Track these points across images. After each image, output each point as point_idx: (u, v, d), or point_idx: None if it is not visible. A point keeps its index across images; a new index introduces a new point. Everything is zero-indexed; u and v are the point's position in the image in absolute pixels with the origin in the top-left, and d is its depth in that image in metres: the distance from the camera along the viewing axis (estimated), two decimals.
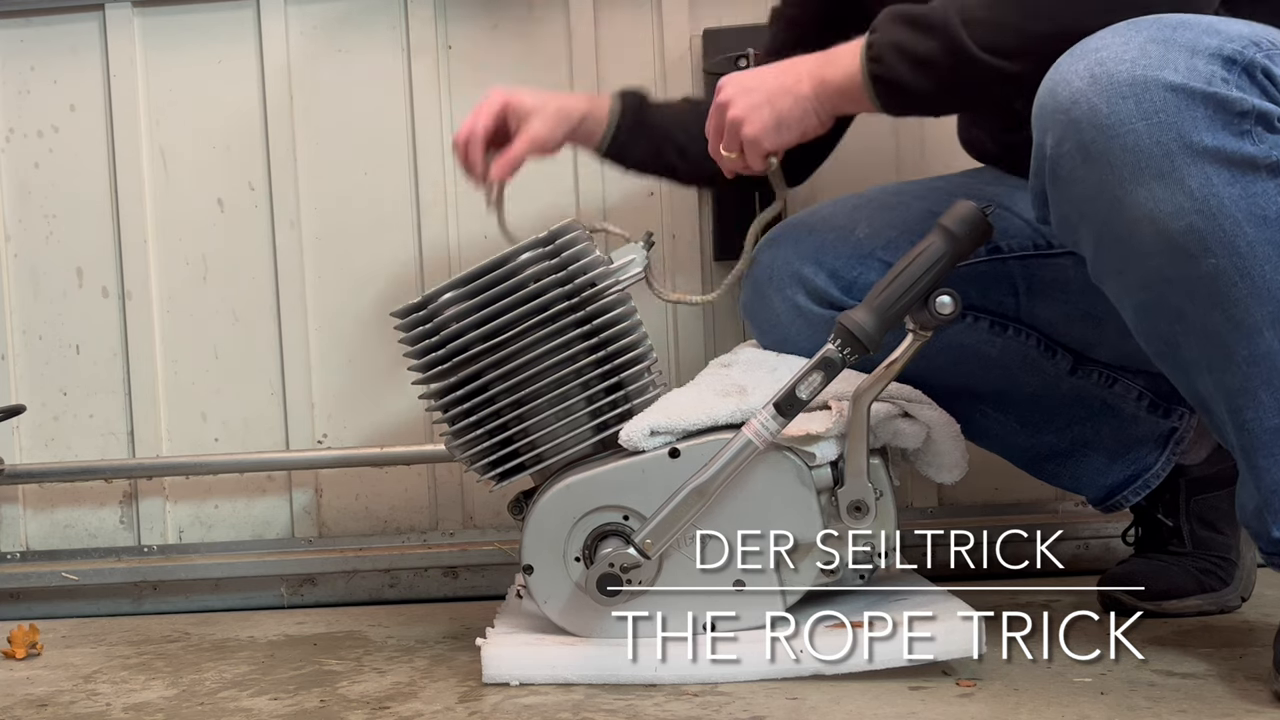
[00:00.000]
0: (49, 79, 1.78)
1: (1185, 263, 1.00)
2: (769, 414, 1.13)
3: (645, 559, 1.15)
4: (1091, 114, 1.00)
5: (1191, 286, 1.01)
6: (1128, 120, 0.99)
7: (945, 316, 1.10)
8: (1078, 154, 1.02)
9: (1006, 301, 1.29)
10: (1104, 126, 0.99)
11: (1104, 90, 0.99)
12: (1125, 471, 1.36)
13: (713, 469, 1.14)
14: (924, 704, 1.08)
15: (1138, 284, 1.05)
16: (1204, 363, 1.04)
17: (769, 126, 1.22)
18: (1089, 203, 1.03)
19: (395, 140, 1.75)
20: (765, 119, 1.22)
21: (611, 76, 1.71)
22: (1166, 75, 0.98)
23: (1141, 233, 1.00)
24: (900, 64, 1.14)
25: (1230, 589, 1.36)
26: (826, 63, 1.20)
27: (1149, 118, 0.98)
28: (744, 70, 1.27)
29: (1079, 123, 1.01)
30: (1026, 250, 1.28)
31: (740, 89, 1.23)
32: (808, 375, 1.12)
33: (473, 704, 1.16)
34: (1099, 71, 1.00)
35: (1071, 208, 1.06)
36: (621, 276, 1.28)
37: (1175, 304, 1.03)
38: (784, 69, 1.23)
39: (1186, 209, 0.98)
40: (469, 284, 1.24)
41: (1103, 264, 1.07)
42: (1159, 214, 0.99)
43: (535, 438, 1.24)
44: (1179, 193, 0.98)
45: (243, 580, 1.76)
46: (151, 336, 1.78)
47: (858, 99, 1.19)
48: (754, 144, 1.23)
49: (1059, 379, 1.33)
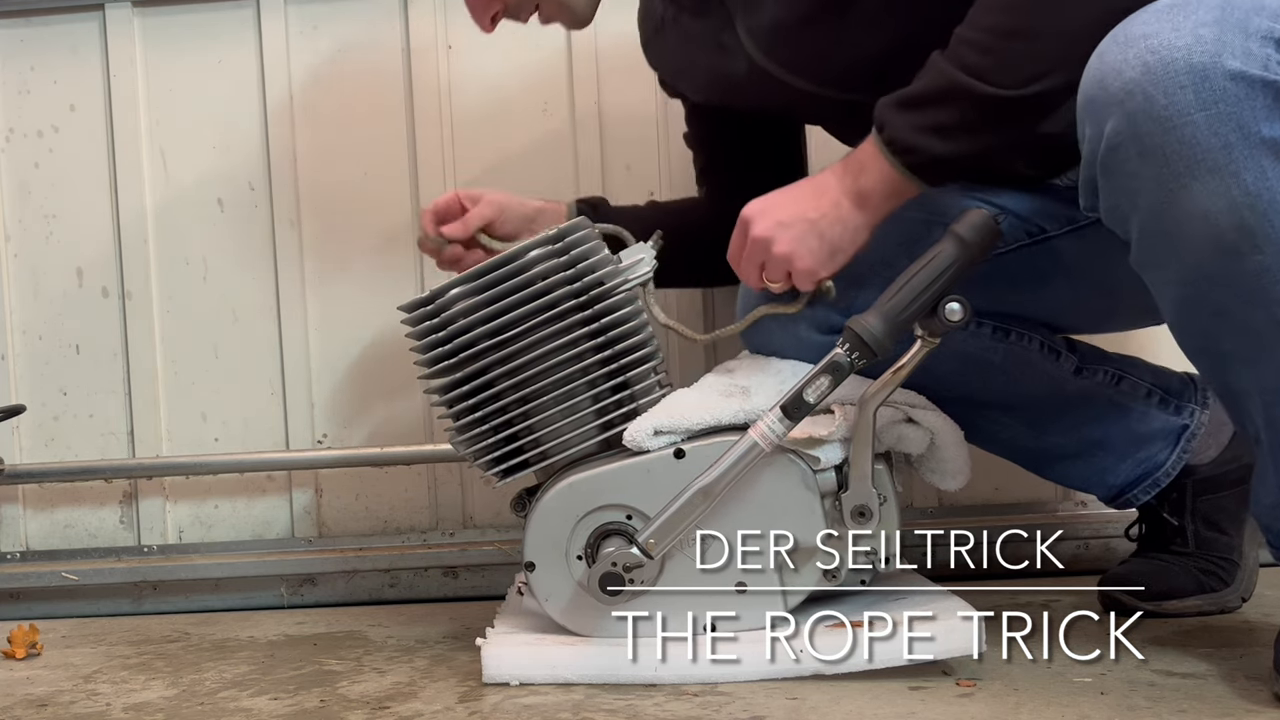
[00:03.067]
0: (49, 79, 1.79)
1: (1232, 259, 0.98)
2: (776, 416, 1.13)
3: (648, 559, 1.15)
4: (1148, 105, 0.97)
5: (1235, 283, 0.99)
6: (1186, 111, 0.96)
7: (954, 323, 1.10)
8: (1132, 147, 0.99)
9: (1009, 298, 1.28)
10: (1161, 119, 0.97)
11: (1160, 80, 0.96)
12: (1135, 470, 1.36)
13: (718, 470, 1.14)
14: (924, 704, 1.08)
15: (1180, 278, 1.03)
16: (1242, 357, 1.02)
17: (823, 257, 1.18)
18: (1141, 195, 1.01)
19: (395, 140, 1.75)
20: (816, 250, 1.18)
21: (611, 77, 1.71)
22: (1226, 62, 0.94)
23: (1192, 229, 0.99)
24: (932, 142, 1.12)
25: (1231, 590, 1.36)
26: (855, 175, 1.17)
27: (1208, 108, 0.95)
28: (764, 198, 1.21)
29: (1134, 115, 0.98)
30: (1022, 240, 1.26)
31: (775, 223, 1.18)
32: (815, 379, 1.12)
33: (473, 704, 1.16)
34: (1152, 60, 0.97)
35: (1123, 197, 1.03)
36: (630, 276, 1.28)
37: (1217, 299, 1.01)
38: (813, 193, 1.19)
39: (1239, 204, 0.96)
40: (477, 280, 1.24)
41: (1146, 255, 1.05)
42: (1211, 210, 0.97)
43: (540, 435, 1.24)
44: (1234, 186, 0.96)
45: (243, 580, 1.76)
46: (151, 336, 1.78)
47: (904, 191, 1.16)
48: (809, 275, 1.19)
49: (1064, 381, 1.32)
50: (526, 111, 1.74)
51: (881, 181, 1.15)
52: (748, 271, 1.22)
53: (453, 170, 1.74)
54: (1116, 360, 1.36)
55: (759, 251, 1.20)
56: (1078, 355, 1.33)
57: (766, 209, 1.20)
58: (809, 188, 1.20)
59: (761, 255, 1.20)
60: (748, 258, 1.21)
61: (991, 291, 1.26)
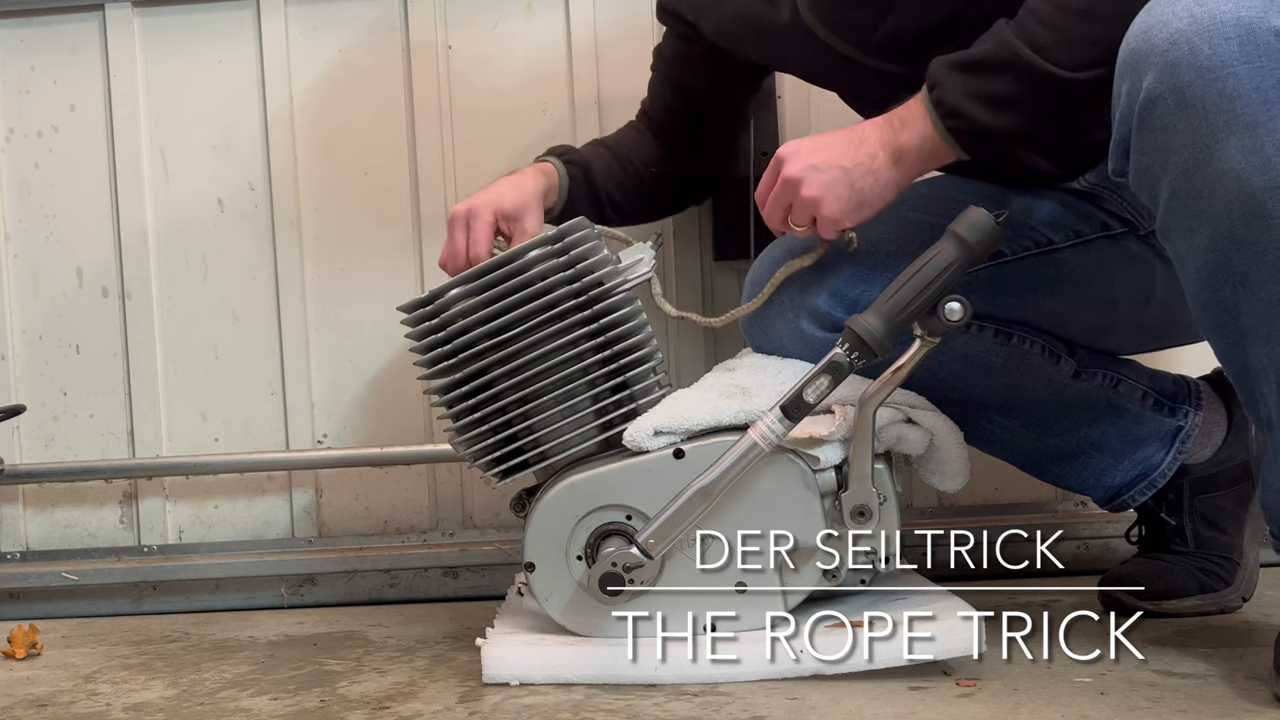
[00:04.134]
0: (49, 79, 1.79)
1: (1260, 224, 0.97)
2: (776, 416, 1.13)
3: (648, 559, 1.15)
4: (1192, 55, 0.96)
5: (1262, 249, 0.98)
6: (1230, 63, 0.95)
7: (954, 323, 1.10)
8: (1172, 98, 0.98)
9: (1011, 304, 1.29)
10: (1204, 69, 0.96)
11: (1206, 31, 0.96)
12: (1131, 472, 1.36)
13: (718, 470, 1.14)
14: (924, 704, 1.08)
15: (1206, 244, 1.02)
16: (1262, 332, 1.01)
17: (849, 206, 1.18)
18: (1175, 152, 1.00)
19: (395, 140, 1.75)
20: (844, 198, 1.18)
21: (611, 77, 1.71)
22: (1272, 19, 0.94)
23: (1224, 188, 0.98)
24: (980, 111, 1.11)
25: (1231, 589, 1.36)
26: (896, 130, 1.17)
27: (1251, 61, 0.95)
28: (800, 141, 1.21)
29: (1177, 65, 0.97)
30: (1028, 250, 1.28)
31: (808, 165, 1.18)
32: (815, 379, 1.13)
33: (473, 704, 1.16)
34: (1200, 12, 0.96)
35: (1155, 155, 1.03)
36: (629, 276, 1.28)
37: (1241, 267, 1.00)
38: (850, 141, 1.19)
39: (1274, 163, 0.95)
40: (477, 280, 1.24)
41: (1174, 218, 1.04)
42: (1245, 168, 0.96)
43: (539, 435, 1.24)
44: (1269, 145, 0.95)
45: (243, 580, 1.76)
46: (151, 336, 1.78)
47: (941, 155, 1.16)
48: (833, 223, 1.20)
49: (1063, 384, 1.32)
50: (526, 111, 1.74)
51: (921, 138, 1.15)
52: (773, 211, 1.23)
53: (453, 170, 1.74)
54: (1113, 363, 1.36)
55: (788, 192, 1.20)
56: (1076, 359, 1.33)
57: (801, 151, 1.20)
58: (847, 136, 1.19)
59: (789, 197, 1.20)
60: (775, 197, 1.21)
61: (994, 296, 1.27)
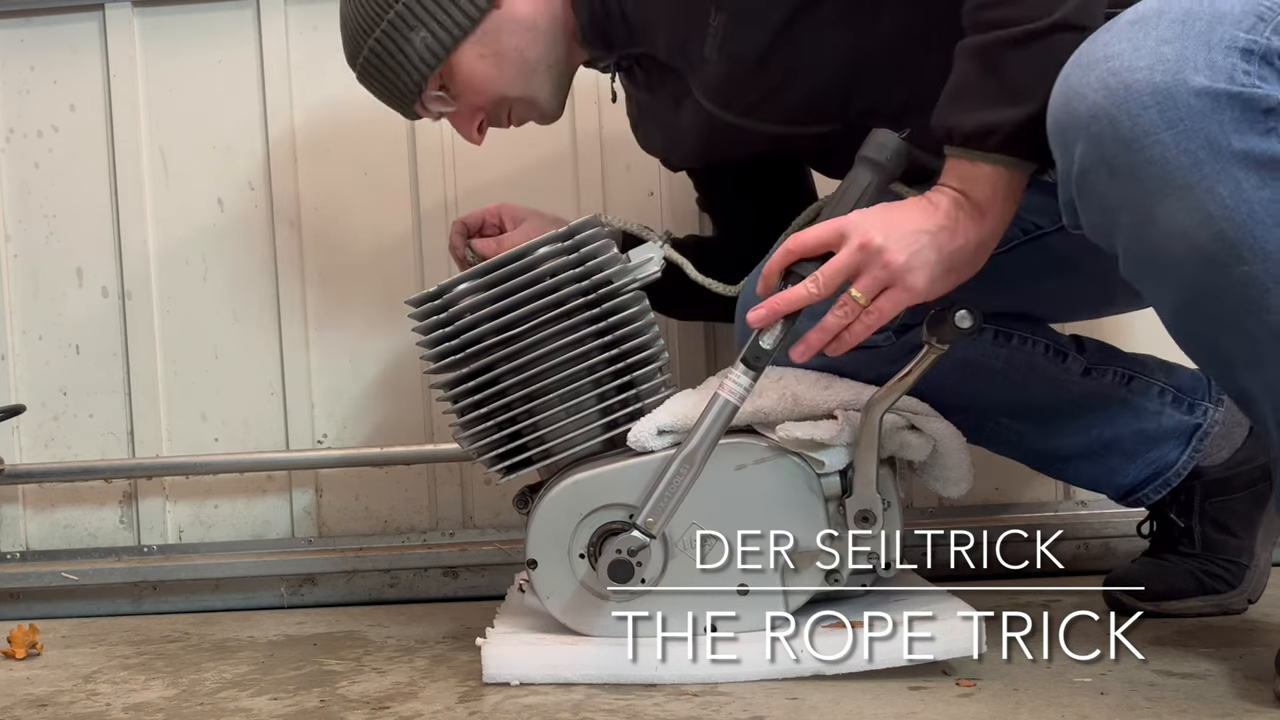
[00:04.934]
0: (49, 79, 1.78)
1: (1218, 271, 0.96)
2: (740, 370, 1.12)
3: (650, 538, 1.15)
4: (1113, 128, 0.95)
5: (1225, 295, 0.98)
6: (1152, 131, 0.94)
7: (964, 331, 1.08)
8: (1102, 169, 0.98)
9: (1010, 296, 1.27)
10: (1127, 140, 0.95)
11: (1123, 103, 0.95)
12: (1146, 470, 1.34)
13: (696, 436, 1.13)
14: (924, 704, 1.08)
15: (1171, 291, 1.02)
16: (1246, 361, 1.01)
17: (937, 275, 1.07)
18: (1119, 214, 1.00)
19: (395, 140, 1.75)
20: (932, 263, 1.06)
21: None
22: (1189, 78, 0.93)
23: (1173, 246, 0.97)
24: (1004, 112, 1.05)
25: (1236, 592, 1.35)
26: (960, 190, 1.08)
27: (1174, 126, 0.94)
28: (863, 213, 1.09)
29: (1100, 139, 0.97)
30: (1017, 239, 1.24)
31: (889, 232, 1.06)
32: (769, 327, 1.11)
33: (473, 704, 1.16)
34: (1114, 82, 0.95)
35: (1102, 218, 1.02)
36: (638, 275, 1.28)
37: (1209, 310, 1.00)
38: (922, 210, 1.08)
39: (1217, 217, 0.95)
40: (485, 276, 1.24)
41: (1135, 271, 1.04)
42: (1188, 226, 0.95)
43: (544, 433, 1.24)
44: (1209, 202, 0.94)
45: (243, 580, 1.76)
46: (151, 336, 1.78)
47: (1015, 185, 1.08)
48: (920, 294, 1.07)
49: (1071, 383, 1.31)
50: None
51: (988, 183, 1.07)
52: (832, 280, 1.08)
53: (453, 170, 1.74)
54: (1126, 359, 1.34)
55: (865, 260, 1.06)
56: (1086, 355, 1.31)
57: (877, 219, 1.08)
58: (918, 204, 1.09)
59: (865, 265, 1.06)
60: (843, 267, 1.07)
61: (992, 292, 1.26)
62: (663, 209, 1.73)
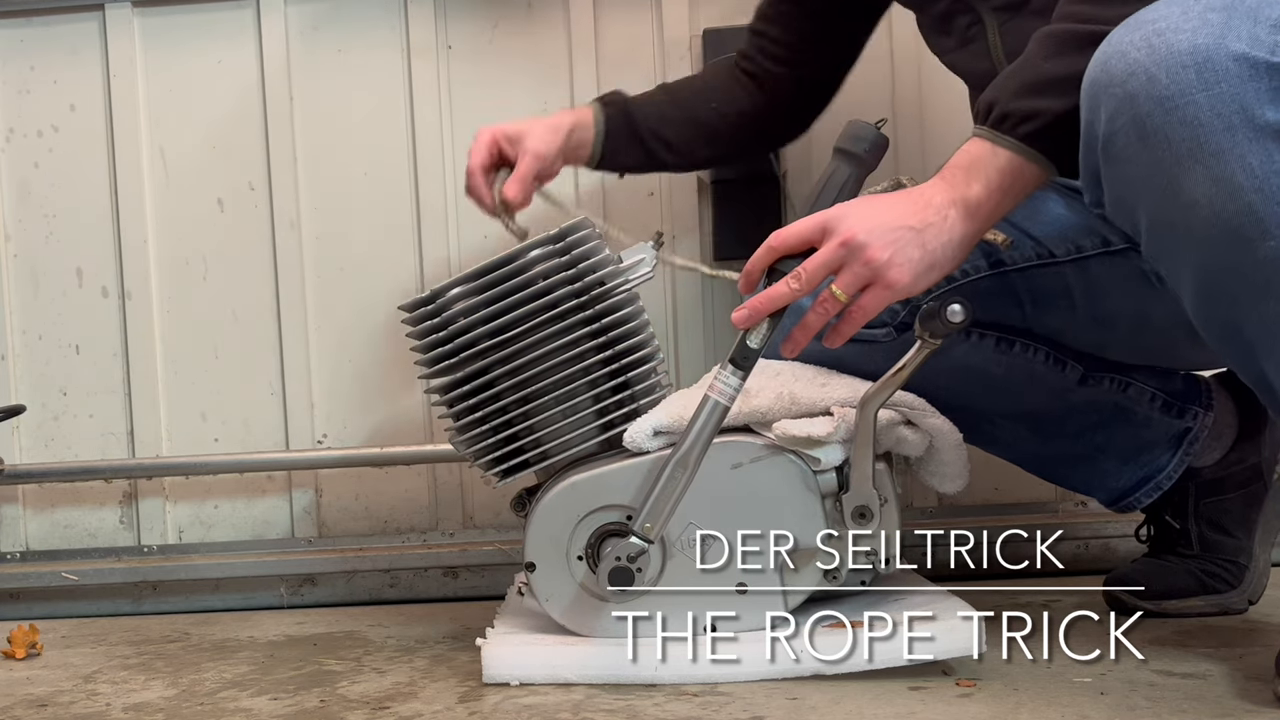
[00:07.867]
0: (49, 79, 1.78)
1: (1241, 248, 0.95)
2: (728, 371, 1.12)
3: (648, 543, 1.15)
4: (1150, 85, 0.94)
5: (1248, 273, 0.96)
6: (1188, 91, 0.93)
7: (956, 324, 1.08)
8: (1133, 130, 0.96)
9: (1012, 314, 1.27)
10: (1162, 99, 0.94)
11: (1163, 60, 0.93)
12: (1137, 474, 1.35)
13: (689, 438, 1.14)
14: (924, 704, 1.08)
15: (1192, 270, 1.01)
16: (1266, 346, 1.00)
17: (920, 269, 1.05)
18: (1143, 182, 0.99)
19: (395, 140, 1.75)
20: (915, 260, 1.05)
21: (611, 77, 1.70)
22: (1230, 43, 0.92)
23: (1197, 216, 0.96)
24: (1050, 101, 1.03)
25: (1236, 592, 1.35)
26: (962, 184, 1.06)
27: (1210, 88, 0.92)
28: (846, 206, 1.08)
29: (1135, 96, 0.95)
30: (1030, 261, 1.25)
31: (873, 226, 1.05)
32: (756, 326, 1.10)
33: (473, 704, 1.16)
34: (1157, 41, 0.94)
35: (1126, 188, 1.01)
36: (631, 276, 1.28)
37: (1231, 291, 0.99)
38: (914, 203, 1.06)
39: (1246, 188, 0.93)
40: (478, 279, 1.24)
41: (1157, 248, 1.03)
42: (1215, 195, 0.94)
43: (540, 435, 1.24)
44: (1238, 170, 0.93)
45: (243, 580, 1.76)
46: (151, 336, 1.78)
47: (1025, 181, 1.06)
48: (902, 291, 1.06)
49: (1069, 390, 1.31)
50: (526, 110, 1.74)
51: (998, 175, 1.05)
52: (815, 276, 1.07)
53: (453, 170, 1.74)
54: (1122, 365, 1.33)
55: (846, 255, 1.05)
56: (1083, 363, 1.31)
57: (858, 213, 1.06)
58: (909, 198, 1.07)
59: (846, 260, 1.05)
60: (825, 263, 1.06)
61: (995, 306, 1.26)
62: (662, 209, 1.73)
